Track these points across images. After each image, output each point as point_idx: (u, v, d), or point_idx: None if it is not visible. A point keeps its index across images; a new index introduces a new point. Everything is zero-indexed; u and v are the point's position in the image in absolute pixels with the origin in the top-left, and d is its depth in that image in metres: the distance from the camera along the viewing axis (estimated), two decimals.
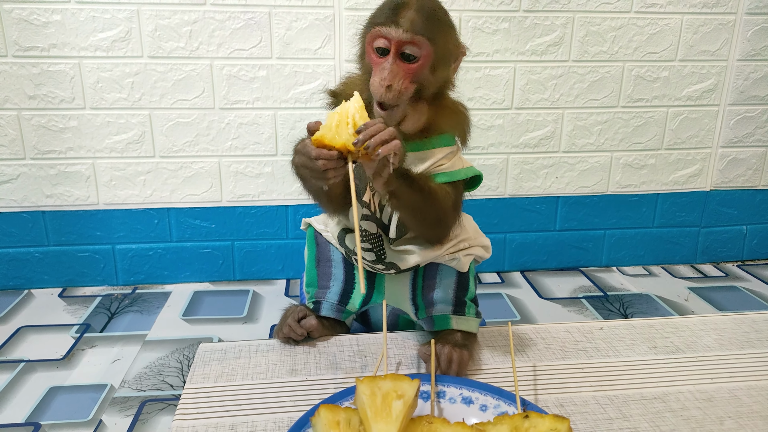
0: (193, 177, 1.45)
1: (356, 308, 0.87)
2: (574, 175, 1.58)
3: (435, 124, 0.78)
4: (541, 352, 0.85)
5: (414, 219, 0.77)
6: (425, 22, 0.70)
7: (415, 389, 0.63)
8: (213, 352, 0.82)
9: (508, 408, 0.68)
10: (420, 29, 0.70)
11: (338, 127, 0.67)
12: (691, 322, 0.94)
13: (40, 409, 1.05)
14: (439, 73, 0.75)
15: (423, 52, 0.71)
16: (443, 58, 0.74)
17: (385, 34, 0.70)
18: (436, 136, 0.78)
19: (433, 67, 0.73)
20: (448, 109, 0.79)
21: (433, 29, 0.71)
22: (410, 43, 0.70)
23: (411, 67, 0.71)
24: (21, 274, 1.46)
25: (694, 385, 0.78)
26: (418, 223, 0.79)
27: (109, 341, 1.26)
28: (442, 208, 0.76)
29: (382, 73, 0.70)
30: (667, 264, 1.69)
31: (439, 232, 0.81)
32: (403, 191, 0.71)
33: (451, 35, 0.76)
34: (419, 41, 0.70)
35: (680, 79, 1.54)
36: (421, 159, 0.77)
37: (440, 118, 0.78)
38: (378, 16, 0.72)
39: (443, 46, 0.73)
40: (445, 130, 0.78)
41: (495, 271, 1.64)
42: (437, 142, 0.78)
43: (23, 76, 1.33)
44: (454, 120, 0.79)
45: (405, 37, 0.70)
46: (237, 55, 1.38)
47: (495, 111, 1.50)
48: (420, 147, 0.77)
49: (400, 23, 0.70)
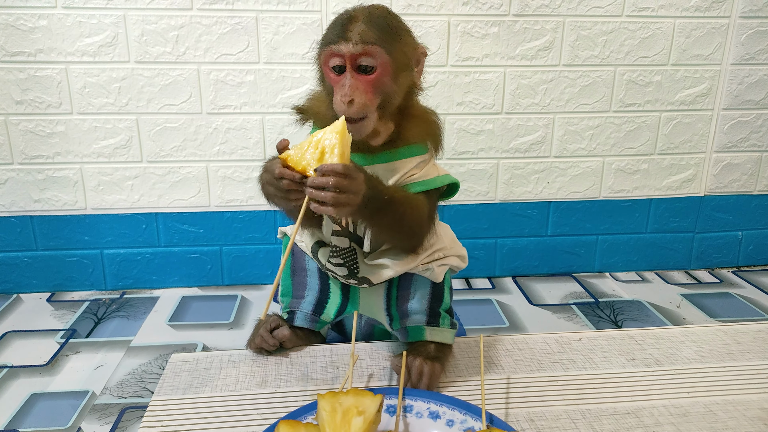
0: (181, 182, 1.45)
1: (331, 318, 0.86)
2: (566, 180, 1.56)
3: (403, 134, 0.77)
4: (516, 363, 0.84)
5: (388, 234, 0.76)
6: (375, 31, 0.69)
7: (377, 405, 0.62)
8: (184, 363, 0.81)
9: (474, 423, 0.67)
10: (371, 39, 0.69)
11: (305, 150, 0.67)
12: (672, 333, 0.92)
13: (20, 415, 1.05)
14: (402, 80, 0.74)
15: (379, 62, 0.70)
16: (402, 64, 0.73)
17: (337, 51, 0.70)
18: (406, 146, 0.77)
19: (394, 75, 0.72)
20: (417, 117, 0.78)
21: (385, 37, 0.70)
22: (364, 55, 0.69)
23: (369, 78, 0.70)
24: (9, 278, 1.46)
25: (669, 399, 0.76)
26: (391, 237, 0.78)
27: (94, 347, 1.26)
28: (417, 219, 0.75)
29: (342, 90, 0.69)
30: (660, 270, 1.68)
31: (414, 242, 0.80)
32: (372, 216, 0.70)
33: (407, 39, 0.75)
34: (372, 51, 0.69)
35: (673, 84, 1.52)
36: (391, 170, 0.76)
37: (409, 128, 0.77)
38: (328, 36, 0.72)
39: (399, 52, 0.72)
40: (415, 139, 0.77)
41: (486, 277, 1.63)
42: (407, 152, 0.77)
43: (10, 81, 1.33)
44: (424, 128, 0.78)
45: (357, 50, 0.69)
46: (224, 59, 1.38)
47: (485, 116, 1.48)
48: (389, 158, 0.76)
49: (350, 37, 0.69)
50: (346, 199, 0.65)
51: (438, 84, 1.44)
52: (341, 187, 0.64)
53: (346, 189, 0.64)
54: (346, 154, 0.67)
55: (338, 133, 0.66)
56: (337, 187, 0.64)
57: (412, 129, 0.77)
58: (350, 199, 0.65)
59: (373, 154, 0.77)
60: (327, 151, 0.66)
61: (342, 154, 0.66)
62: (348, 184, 0.64)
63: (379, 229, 0.75)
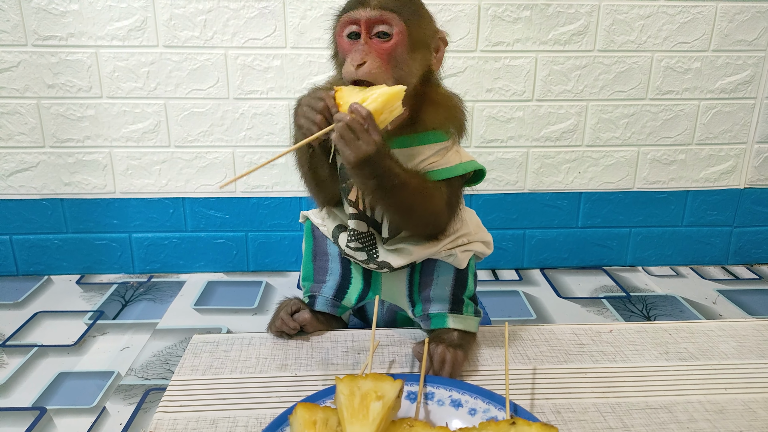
0: (208, 167, 1.45)
1: (352, 303, 0.84)
2: (598, 170, 1.52)
3: (422, 119, 0.74)
4: (543, 354, 0.81)
5: (398, 219, 0.74)
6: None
7: (397, 390, 0.60)
8: (205, 344, 0.81)
9: (498, 413, 0.65)
10: (389, 5, 0.67)
11: (355, 93, 0.66)
12: (708, 327, 0.88)
13: (47, 393, 1.06)
14: (419, 58, 0.71)
15: (396, 29, 0.68)
16: (419, 41, 0.71)
17: (353, 16, 0.68)
18: (425, 132, 0.74)
19: (411, 48, 0.69)
20: (438, 103, 0.75)
21: (404, 6, 0.68)
22: (380, 21, 0.67)
23: (384, 45, 0.68)
24: (41, 260, 1.49)
25: (705, 395, 0.73)
26: (404, 223, 0.75)
27: (121, 329, 1.27)
28: (430, 209, 0.73)
29: (354, 54, 0.68)
30: (696, 265, 1.62)
31: (432, 231, 0.77)
32: (378, 191, 0.68)
33: (426, 18, 0.72)
34: (389, 18, 0.67)
35: (713, 71, 1.45)
36: (407, 156, 0.73)
37: (428, 113, 0.74)
38: (346, 5, 0.70)
39: (418, 26, 0.70)
40: (435, 125, 0.74)
41: (513, 268, 1.60)
42: (426, 138, 0.74)
43: (42, 65, 1.35)
44: (445, 114, 0.74)
45: (374, 15, 0.67)
46: (251, 44, 1.37)
47: (515, 103, 1.45)
48: (406, 143, 0.73)
49: (368, 2, 0.67)
50: (351, 143, 0.64)
51: (467, 70, 1.41)
52: (355, 129, 0.63)
53: (356, 132, 0.63)
54: (382, 115, 0.66)
55: (387, 93, 0.65)
56: (351, 127, 0.63)
57: (432, 114, 0.74)
58: (355, 147, 0.64)
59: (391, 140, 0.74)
60: (368, 100, 0.65)
61: (376, 110, 0.65)
62: (360, 131, 0.64)
63: (387, 211, 0.73)
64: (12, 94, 1.36)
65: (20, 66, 1.34)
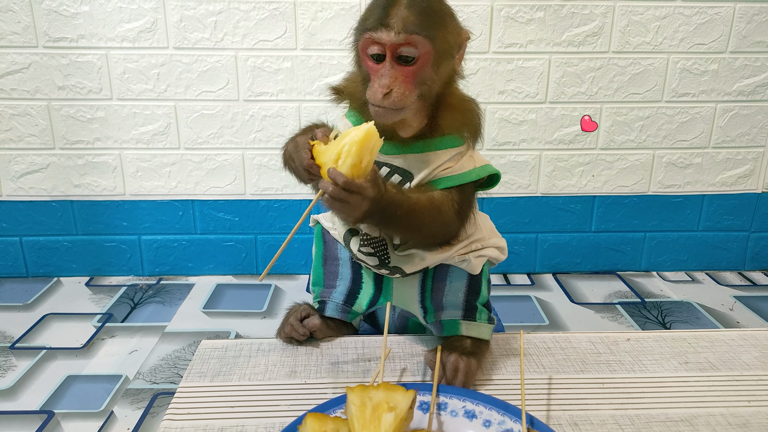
0: (217, 169, 1.44)
1: (363, 309, 0.83)
2: (613, 173, 1.49)
3: (439, 124, 0.72)
4: (559, 363, 0.79)
5: (409, 237, 0.74)
6: (418, 18, 0.65)
7: (409, 401, 0.58)
8: (213, 350, 0.80)
9: (513, 425, 0.63)
10: (414, 28, 0.65)
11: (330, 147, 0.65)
12: (728, 336, 0.86)
13: (55, 397, 1.06)
14: (443, 69, 0.70)
15: (421, 52, 0.66)
16: (444, 53, 0.69)
17: (377, 39, 0.66)
18: (440, 137, 0.72)
19: (436, 64, 0.68)
20: (454, 107, 0.73)
21: (429, 24, 0.66)
22: (405, 45, 0.65)
23: (410, 69, 0.66)
24: (50, 262, 1.48)
25: (727, 408, 0.70)
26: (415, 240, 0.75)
27: (129, 332, 1.26)
28: (440, 222, 0.71)
29: (381, 80, 0.66)
30: (712, 270, 1.59)
31: (441, 239, 0.75)
32: (384, 224, 0.67)
33: (450, 24, 0.70)
34: (415, 41, 0.65)
35: (731, 73, 1.43)
36: (424, 162, 0.72)
37: (445, 117, 0.72)
38: (368, 20, 0.67)
39: (443, 40, 0.68)
40: (451, 130, 0.72)
41: (525, 273, 1.57)
42: (441, 143, 0.72)
43: (53, 66, 1.34)
44: (460, 118, 0.73)
45: (398, 39, 0.65)
46: (261, 46, 1.36)
47: (528, 105, 1.43)
48: (423, 148, 0.72)
49: (391, 25, 0.65)
50: (344, 209, 0.63)
51: (479, 72, 1.39)
52: (340, 198, 0.62)
53: (344, 200, 0.62)
54: (363, 162, 0.63)
55: (358, 141, 0.62)
56: (335, 197, 0.62)
57: (448, 119, 0.72)
58: (349, 211, 0.63)
59: (406, 144, 0.73)
60: (342, 155, 0.63)
61: (354, 164, 0.62)
62: (347, 197, 0.62)
63: (398, 235, 0.73)
64: (23, 96, 1.36)
65: (31, 68, 1.34)
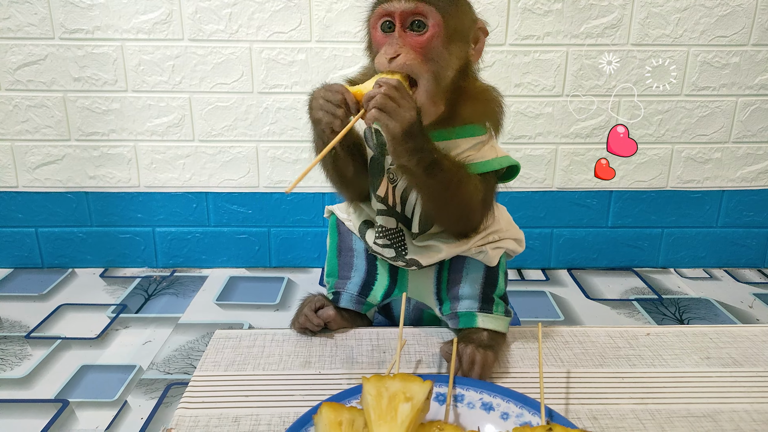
0: (231, 162, 1.44)
1: (378, 301, 0.82)
2: (630, 168, 1.47)
3: (460, 113, 0.71)
4: (577, 357, 0.78)
5: (434, 206, 0.71)
6: None
7: (426, 392, 0.57)
8: (227, 339, 0.79)
9: (531, 418, 0.62)
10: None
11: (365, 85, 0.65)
12: (751, 331, 0.84)
13: (70, 386, 1.06)
14: (455, 51, 0.68)
15: (431, 21, 0.65)
16: (457, 32, 0.68)
17: (387, 8, 0.66)
18: (461, 126, 0.71)
19: (447, 41, 0.67)
20: (475, 96, 0.72)
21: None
22: (416, 13, 0.65)
23: (419, 39, 0.66)
24: (65, 253, 1.49)
25: (751, 404, 0.69)
26: (438, 213, 0.73)
27: (143, 322, 1.27)
28: (467, 197, 0.70)
29: (388, 48, 0.65)
30: (731, 267, 1.56)
31: (464, 226, 0.74)
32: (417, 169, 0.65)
33: (465, 8, 0.69)
34: (425, 10, 0.65)
35: (753, 66, 1.40)
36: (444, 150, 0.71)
37: (465, 107, 0.71)
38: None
39: (455, 17, 0.67)
40: (472, 119, 0.71)
41: (540, 268, 1.56)
42: (462, 132, 0.71)
43: (69, 58, 1.35)
44: (482, 108, 0.72)
45: (409, 7, 0.65)
46: (276, 38, 1.35)
47: (544, 98, 1.41)
48: (444, 137, 0.71)
49: None
50: (395, 112, 0.62)
51: (495, 64, 1.38)
52: (394, 97, 0.62)
53: (398, 99, 0.62)
54: None
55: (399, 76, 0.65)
56: (390, 96, 0.61)
57: (469, 108, 0.71)
58: (400, 115, 0.62)
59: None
60: None
61: None
62: (399, 97, 0.62)
63: (422, 194, 0.70)
64: (39, 87, 1.37)
65: (47, 59, 1.35)
